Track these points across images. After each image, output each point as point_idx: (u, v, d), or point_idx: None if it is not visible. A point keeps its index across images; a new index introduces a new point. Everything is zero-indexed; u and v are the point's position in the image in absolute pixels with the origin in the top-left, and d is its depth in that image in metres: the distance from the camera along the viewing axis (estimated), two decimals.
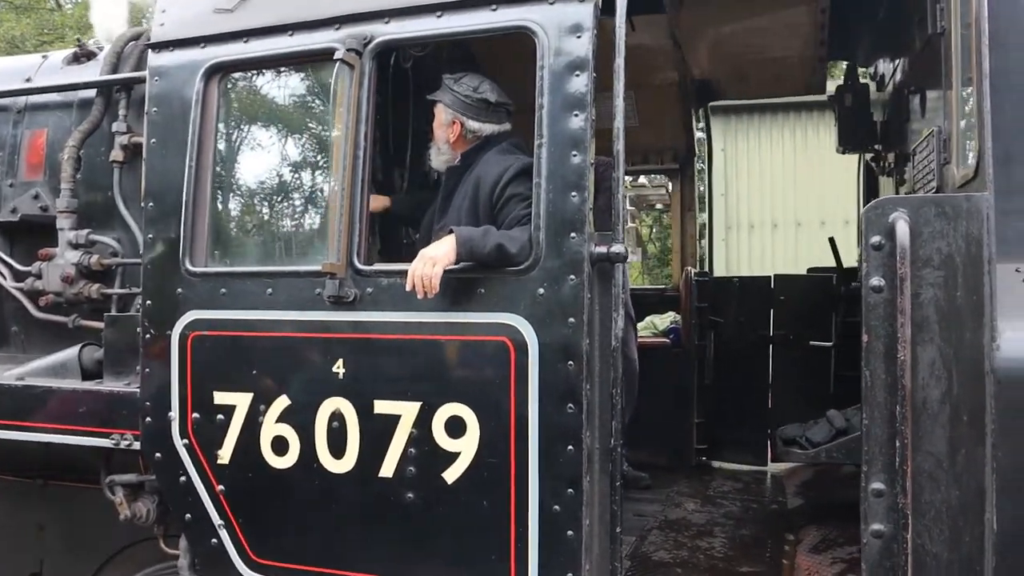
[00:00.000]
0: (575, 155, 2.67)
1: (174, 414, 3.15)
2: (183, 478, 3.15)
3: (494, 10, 2.85)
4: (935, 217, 2.36)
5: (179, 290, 3.16)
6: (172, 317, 3.17)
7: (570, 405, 2.62)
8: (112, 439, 3.26)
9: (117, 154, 3.80)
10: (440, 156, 3.27)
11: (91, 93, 3.98)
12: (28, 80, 4.22)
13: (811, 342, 5.05)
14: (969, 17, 2.55)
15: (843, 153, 4.89)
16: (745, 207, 11.32)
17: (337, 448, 2.91)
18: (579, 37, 2.72)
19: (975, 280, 2.32)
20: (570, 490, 2.63)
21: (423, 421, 2.79)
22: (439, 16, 2.92)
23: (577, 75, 2.70)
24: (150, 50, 3.36)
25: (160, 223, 3.23)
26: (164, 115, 3.29)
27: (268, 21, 3.16)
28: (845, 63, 5.26)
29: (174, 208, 3.20)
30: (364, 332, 2.89)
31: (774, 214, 11.22)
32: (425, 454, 2.79)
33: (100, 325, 3.66)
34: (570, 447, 2.63)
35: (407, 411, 2.82)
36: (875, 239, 2.41)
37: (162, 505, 3.40)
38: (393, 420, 2.83)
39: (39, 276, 3.81)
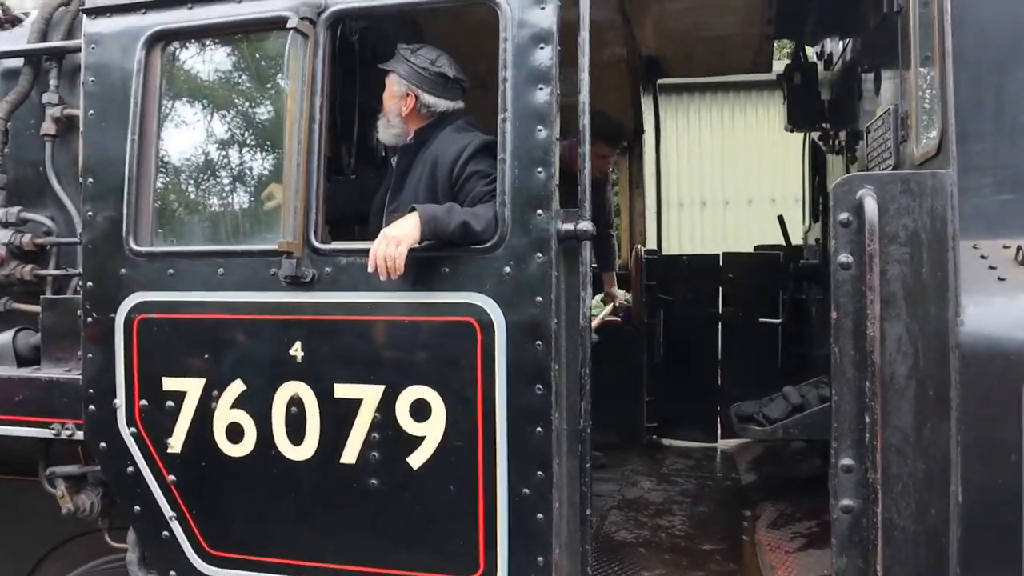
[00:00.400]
0: (540, 129, 2.61)
1: (119, 401, 2.99)
2: (131, 468, 3.00)
3: None
4: (901, 194, 2.37)
5: (123, 271, 2.99)
6: (115, 299, 3.00)
7: (539, 386, 2.58)
8: (52, 429, 3.09)
9: (49, 127, 3.59)
10: (390, 129, 3.11)
11: (17, 62, 3.74)
12: None
13: (760, 319, 5.12)
14: None
15: (791, 131, 4.94)
16: (697, 185, 11.44)
17: (296, 434, 2.81)
18: (543, 8, 2.64)
19: (940, 256, 2.34)
20: (539, 472, 2.59)
21: (386, 405, 2.71)
22: None
23: (542, 48, 2.63)
24: (84, 16, 3.15)
25: (100, 200, 3.05)
26: (102, 86, 3.09)
27: None
28: (791, 42, 5.31)
29: (116, 184, 3.02)
30: (323, 313, 2.78)
31: (724, 192, 11.37)
32: (389, 439, 2.72)
33: (35, 309, 3.46)
34: (539, 428, 2.58)
35: (369, 395, 2.73)
36: (843, 216, 2.42)
37: (107, 497, 3.24)
38: (355, 404, 2.74)
39: None
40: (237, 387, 2.87)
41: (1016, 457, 2.26)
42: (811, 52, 5.06)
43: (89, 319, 3.03)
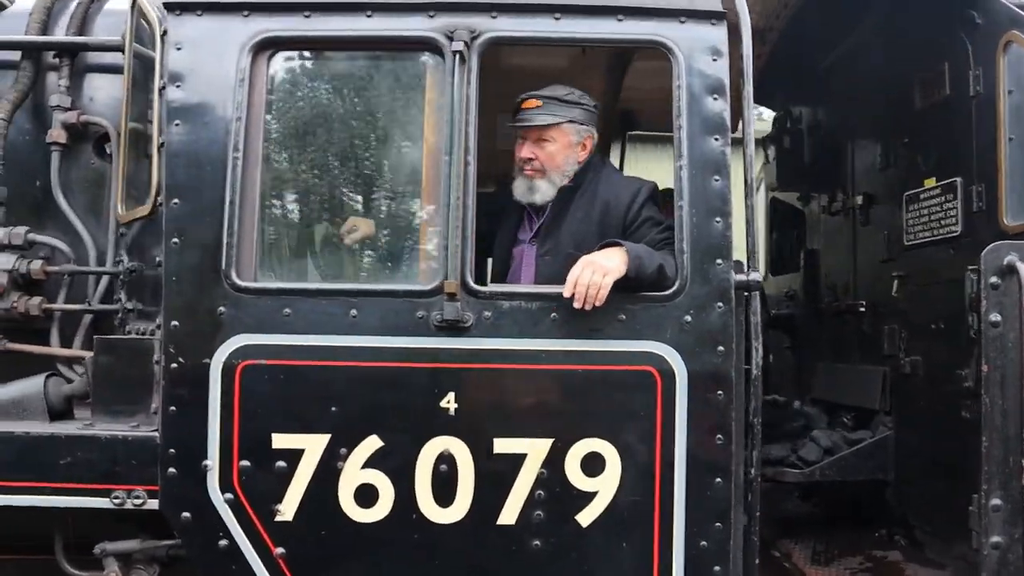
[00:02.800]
0: (716, 179, 2.63)
1: (211, 462, 2.53)
2: (224, 542, 2.54)
3: (620, 20, 2.71)
4: None
5: (221, 309, 2.56)
6: (211, 342, 2.55)
7: (719, 436, 2.55)
8: (115, 498, 2.54)
9: (57, 134, 3.08)
10: (552, 188, 2.89)
11: (11, 54, 3.15)
12: None
13: None
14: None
15: (777, 191, 5.25)
16: None
17: (445, 495, 2.54)
18: (715, 60, 2.68)
19: None
20: (718, 524, 2.55)
21: (555, 459, 2.54)
22: (557, 19, 2.70)
23: (715, 98, 2.66)
24: (168, 12, 2.70)
25: (190, 225, 2.60)
26: (192, 94, 2.66)
27: None
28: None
29: (211, 208, 2.59)
30: (483, 362, 2.56)
31: None
32: (556, 496, 2.54)
33: (41, 350, 2.88)
34: (718, 479, 2.55)
35: (535, 449, 2.54)
36: (993, 279, 2.66)
37: None
38: (518, 460, 2.54)
39: None
40: (372, 443, 2.54)
41: None
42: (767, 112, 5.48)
43: (173, 365, 2.55)
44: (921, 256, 3.63)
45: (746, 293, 2.62)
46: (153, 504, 2.55)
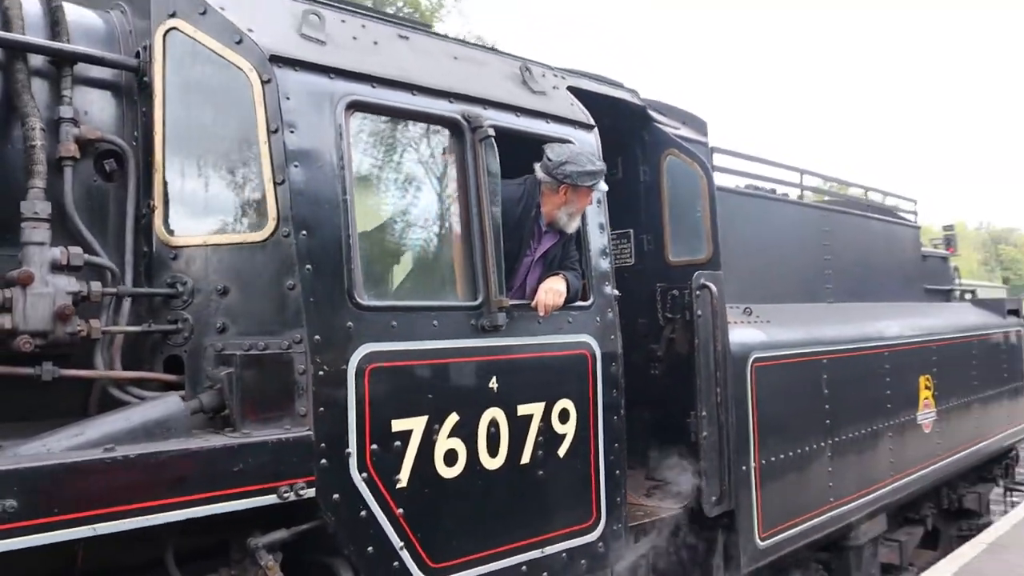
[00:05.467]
0: (602, 236, 4.24)
1: (352, 449, 3.09)
2: (363, 513, 3.11)
3: (547, 123, 4.10)
4: None
5: (349, 324, 3.12)
6: (345, 352, 3.10)
7: (615, 390, 4.17)
8: (281, 493, 2.87)
9: (70, 148, 3.02)
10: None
11: None
12: None
13: None
14: None
15: None
16: None
17: (493, 449, 3.58)
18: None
19: None
20: (616, 444, 4.17)
21: (546, 415, 3.82)
22: (518, 116, 3.95)
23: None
24: (272, 64, 3.06)
25: (319, 255, 3.07)
26: (305, 140, 3.11)
27: (393, 75, 3.46)
28: None
29: (332, 239, 3.12)
30: (509, 353, 3.68)
31: None
32: (547, 440, 3.82)
33: (94, 373, 2.90)
34: (615, 417, 4.17)
35: (537, 410, 3.78)
36: (697, 292, 4.87)
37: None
38: (529, 418, 3.74)
39: (4, 308, 2.64)
40: (452, 419, 3.44)
41: None
42: None
43: (320, 372, 3.01)
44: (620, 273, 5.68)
45: (616, 302, 4.30)
46: (311, 492, 2.97)
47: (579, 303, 4.05)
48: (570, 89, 4.50)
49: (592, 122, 4.34)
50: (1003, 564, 6.49)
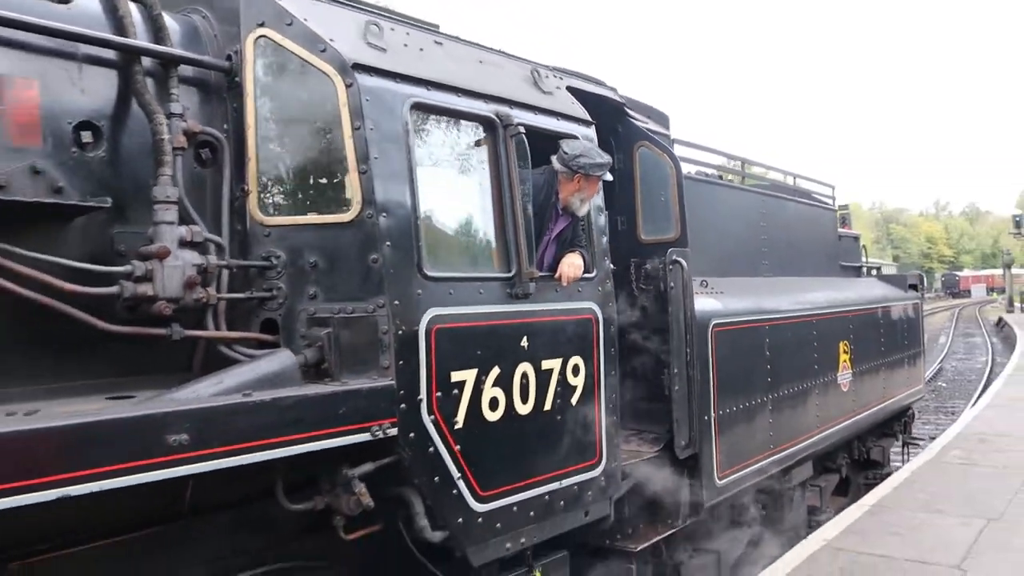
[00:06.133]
0: (603, 220, 4.94)
1: (423, 396, 3.70)
2: (431, 448, 3.74)
3: (557, 120, 4.76)
4: None
5: (419, 292, 3.72)
6: (417, 315, 3.69)
7: (612, 348, 4.90)
8: (373, 431, 3.46)
9: (180, 140, 3.51)
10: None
11: (102, 49, 3.36)
12: None
13: None
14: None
15: None
16: None
17: (524, 397, 4.25)
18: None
19: None
20: (613, 395, 4.90)
21: (563, 369, 4.50)
22: (536, 115, 4.59)
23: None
24: (354, 70, 3.60)
25: (395, 233, 3.65)
26: (382, 136, 3.67)
27: (442, 78, 4.05)
28: None
29: (404, 219, 3.70)
30: (536, 316, 4.34)
31: None
32: (564, 389, 4.51)
33: (209, 334, 3.43)
34: (613, 372, 4.90)
35: (556, 364, 4.46)
36: (671, 267, 5.64)
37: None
38: (550, 372, 4.42)
39: (145, 278, 3.14)
40: (495, 371, 4.08)
41: None
42: None
43: (399, 332, 3.61)
44: None
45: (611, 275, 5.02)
46: (393, 431, 3.57)
47: (586, 275, 4.74)
48: (568, 88, 5.16)
49: (590, 119, 5.02)
50: (882, 523, 7.36)
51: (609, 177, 4.82)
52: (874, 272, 11.90)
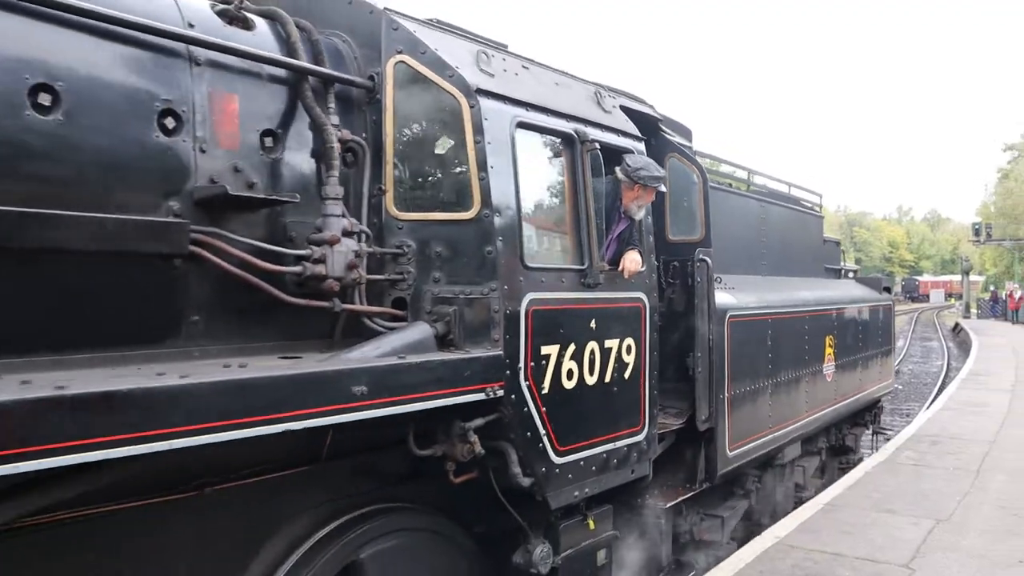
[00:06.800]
0: (651, 222, 5.76)
1: (521, 365, 4.49)
2: (525, 409, 4.53)
3: (618, 137, 5.57)
4: None
5: (521, 279, 4.50)
6: (519, 298, 4.48)
7: (655, 333, 5.73)
8: (487, 392, 4.24)
9: (339, 147, 4.23)
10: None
11: (278, 69, 4.09)
12: (192, 26, 3.75)
13: None
14: None
15: None
16: None
17: (591, 370, 5.06)
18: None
19: None
20: (655, 372, 5.73)
21: (619, 348, 5.32)
22: (603, 132, 5.39)
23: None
24: (477, 94, 4.37)
25: (505, 230, 4.43)
26: (497, 148, 4.44)
27: (536, 101, 4.83)
28: None
29: (511, 219, 4.48)
30: (602, 304, 5.15)
31: None
32: (619, 365, 5.33)
33: (364, 308, 4.17)
34: (655, 352, 5.73)
35: (615, 344, 5.28)
36: (699, 263, 6.49)
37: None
38: (611, 350, 5.24)
39: (320, 260, 3.88)
40: (572, 347, 4.89)
41: None
42: None
43: (507, 311, 4.39)
44: None
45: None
46: (501, 393, 4.34)
47: (639, 269, 5.56)
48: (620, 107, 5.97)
49: (640, 135, 5.83)
50: (835, 521, 7.72)
51: (664, 188, 5.64)
52: (851, 275, 12.93)
